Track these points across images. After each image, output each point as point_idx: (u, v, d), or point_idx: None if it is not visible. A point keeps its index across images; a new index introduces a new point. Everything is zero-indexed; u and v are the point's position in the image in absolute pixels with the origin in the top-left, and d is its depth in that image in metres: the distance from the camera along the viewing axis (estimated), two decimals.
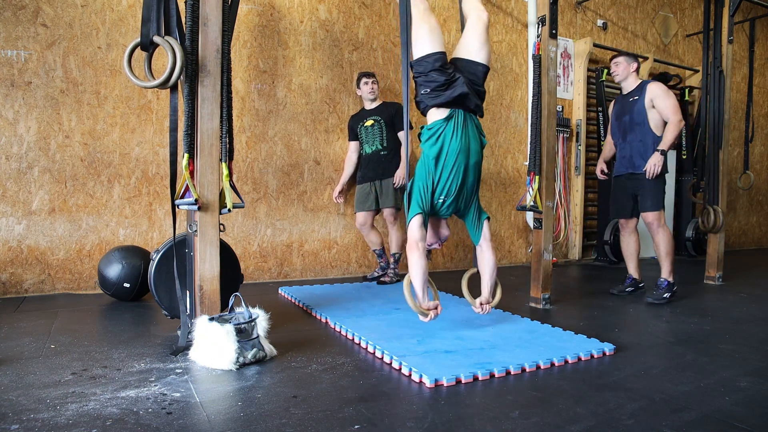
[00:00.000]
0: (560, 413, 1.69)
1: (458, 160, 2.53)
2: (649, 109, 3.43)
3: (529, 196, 3.24)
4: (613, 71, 3.64)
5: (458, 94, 2.53)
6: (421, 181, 2.55)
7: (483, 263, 2.70)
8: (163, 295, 2.58)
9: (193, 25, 2.21)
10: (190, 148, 2.24)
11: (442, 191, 2.55)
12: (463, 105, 2.58)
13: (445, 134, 2.53)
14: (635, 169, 3.49)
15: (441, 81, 2.52)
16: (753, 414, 1.71)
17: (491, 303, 2.72)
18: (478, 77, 2.65)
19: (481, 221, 2.69)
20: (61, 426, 1.52)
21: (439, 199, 2.56)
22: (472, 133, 2.58)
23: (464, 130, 2.55)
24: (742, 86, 6.76)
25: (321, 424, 1.57)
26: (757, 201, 7.51)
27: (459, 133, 2.53)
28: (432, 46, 2.55)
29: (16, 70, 3.26)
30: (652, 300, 3.27)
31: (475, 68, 2.65)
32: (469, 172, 2.58)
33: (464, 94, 2.54)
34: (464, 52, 2.68)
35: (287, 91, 4.07)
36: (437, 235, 2.77)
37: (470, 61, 2.65)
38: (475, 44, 2.66)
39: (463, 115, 2.57)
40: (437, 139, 2.54)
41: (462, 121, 2.56)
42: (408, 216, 2.54)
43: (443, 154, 2.53)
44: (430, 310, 2.49)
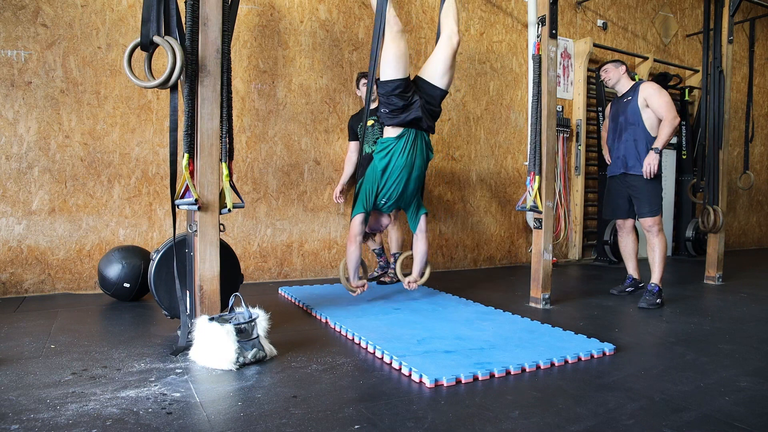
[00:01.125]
0: (560, 413, 1.69)
1: (402, 174, 2.99)
2: (643, 109, 3.43)
3: (529, 196, 3.24)
4: (604, 78, 3.69)
5: (412, 118, 2.93)
6: (368, 184, 3.02)
7: (416, 249, 3.23)
8: (163, 295, 2.58)
9: (193, 25, 2.21)
10: (190, 148, 2.24)
11: (384, 196, 3.05)
12: (416, 125, 2.98)
13: (394, 151, 2.96)
14: (628, 169, 3.49)
15: (399, 105, 2.92)
16: (753, 414, 1.71)
17: (418, 282, 3.29)
18: (435, 99, 3.03)
19: (418, 215, 3.17)
20: (61, 426, 1.52)
21: (381, 201, 3.06)
22: (419, 150, 3.02)
23: (412, 147, 2.98)
24: (742, 86, 6.76)
25: (321, 424, 1.57)
26: (757, 201, 7.51)
27: (407, 150, 2.96)
28: (396, 72, 2.89)
29: (16, 70, 3.26)
30: (645, 305, 3.26)
31: (433, 91, 3.01)
32: (410, 183, 3.05)
33: (418, 118, 2.94)
34: (428, 74, 3.04)
35: (287, 91, 4.07)
36: (379, 223, 3.24)
37: (431, 85, 3.01)
38: (439, 70, 3.02)
39: (414, 134, 2.98)
40: (386, 153, 2.98)
41: (412, 139, 2.97)
42: (352, 213, 3.06)
43: (389, 168, 2.98)
44: (358, 288, 3.13)
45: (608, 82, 3.67)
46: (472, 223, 5.00)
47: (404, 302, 3.25)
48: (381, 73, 2.96)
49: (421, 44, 4.61)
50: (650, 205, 3.42)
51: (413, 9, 4.57)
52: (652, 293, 3.32)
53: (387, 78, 2.91)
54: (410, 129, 2.97)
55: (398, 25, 2.92)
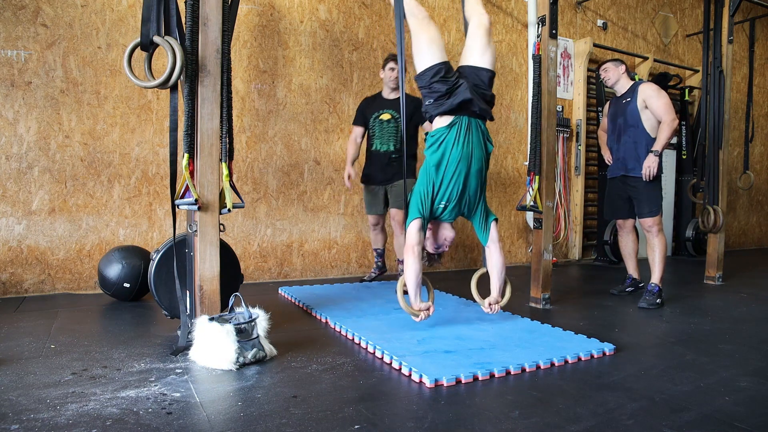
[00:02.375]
0: (560, 413, 1.69)
1: (459, 168, 2.54)
2: (642, 110, 3.42)
3: (529, 196, 3.24)
4: (603, 77, 3.67)
5: (461, 101, 2.53)
6: (422, 186, 2.58)
7: (491, 264, 2.74)
8: (163, 295, 2.58)
9: (193, 25, 2.20)
10: (190, 148, 2.24)
11: (443, 197, 2.57)
12: (468, 111, 2.57)
13: (447, 142, 2.54)
14: (628, 171, 3.49)
15: (443, 90, 2.54)
16: (753, 414, 1.71)
17: (500, 302, 2.75)
18: (483, 81, 2.67)
19: (488, 223, 2.71)
20: (61, 426, 1.52)
21: (439, 204, 2.59)
22: (476, 140, 2.58)
23: (467, 137, 2.55)
24: (742, 86, 6.76)
25: (321, 424, 1.57)
26: (757, 201, 7.50)
27: (461, 140, 2.54)
28: (432, 58, 2.56)
29: (16, 70, 3.26)
30: (645, 305, 3.26)
31: (478, 73, 2.67)
32: (471, 179, 2.59)
33: (467, 99, 2.54)
34: (468, 59, 2.71)
35: (287, 91, 4.07)
36: (442, 238, 2.75)
37: (473, 67, 2.68)
38: (477, 49, 2.68)
39: (467, 122, 2.57)
40: (439, 146, 2.56)
41: (465, 127, 2.56)
42: (408, 219, 2.58)
43: (444, 162, 2.55)
44: (421, 311, 2.58)
45: (607, 82, 3.66)
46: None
47: None
48: (417, 67, 2.63)
49: None
50: (650, 206, 3.42)
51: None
52: (652, 293, 3.32)
53: (424, 67, 2.58)
54: (462, 116, 2.56)
55: (422, 11, 2.65)
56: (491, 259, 2.74)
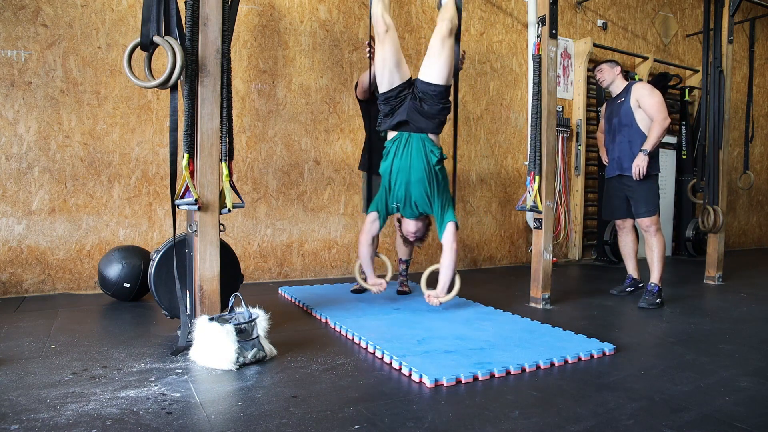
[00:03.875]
0: (560, 413, 1.69)
1: (400, 177, 2.90)
2: (635, 110, 3.43)
3: (529, 196, 3.24)
4: (599, 78, 3.68)
5: (397, 122, 2.88)
6: (381, 188, 2.99)
7: (441, 261, 3.00)
8: (163, 295, 2.58)
9: (193, 25, 2.20)
10: (190, 148, 2.24)
11: (393, 200, 2.97)
12: (407, 128, 2.89)
13: (389, 154, 2.93)
14: (623, 171, 3.49)
15: (386, 111, 2.92)
16: (753, 414, 1.71)
17: (441, 298, 3.01)
18: (430, 96, 2.84)
19: (443, 225, 2.94)
20: (61, 426, 1.52)
21: (392, 204, 2.98)
22: (415, 153, 2.87)
23: (405, 150, 2.87)
24: (742, 86, 6.76)
25: (321, 424, 1.57)
26: (757, 201, 7.50)
27: (401, 153, 2.88)
28: (381, 84, 2.89)
29: (16, 70, 3.26)
30: (645, 305, 3.26)
31: (426, 88, 2.85)
32: (412, 187, 2.89)
33: (402, 121, 2.87)
34: (422, 71, 2.91)
35: (287, 91, 4.07)
36: (405, 230, 3.08)
37: (422, 82, 2.87)
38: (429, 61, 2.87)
39: (407, 137, 2.89)
40: (386, 157, 2.96)
41: (405, 142, 2.88)
42: (367, 210, 3.03)
43: (388, 171, 2.93)
44: (374, 285, 3.07)
45: (603, 83, 3.67)
46: (472, 223, 5.00)
47: (404, 302, 3.25)
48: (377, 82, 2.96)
49: (421, 44, 4.61)
50: (647, 205, 3.42)
51: (413, 9, 4.57)
52: (652, 293, 3.32)
53: (380, 91, 2.94)
54: (403, 132, 2.90)
55: (381, 26, 2.78)
56: (441, 258, 2.99)
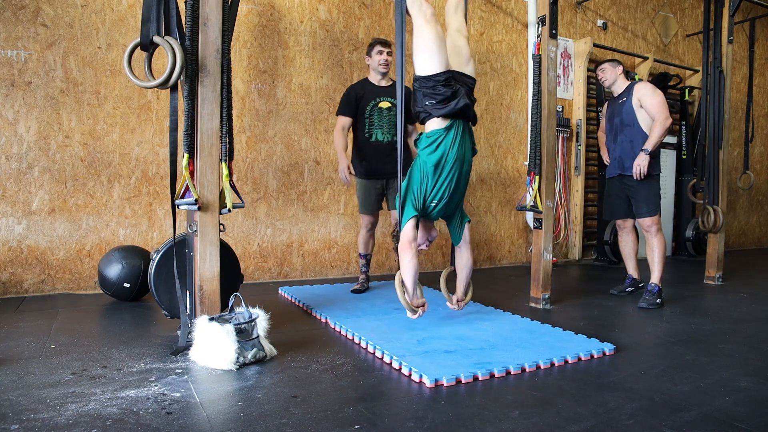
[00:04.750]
0: (560, 413, 1.69)
1: (454, 168, 2.64)
2: (637, 109, 3.43)
3: (529, 196, 3.24)
4: (601, 78, 3.67)
5: (462, 106, 2.62)
6: (416, 184, 2.66)
7: (461, 263, 2.86)
8: (163, 295, 2.58)
9: (193, 25, 2.21)
10: (190, 148, 2.24)
11: (435, 196, 2.66)
12: (464, 116, 2.68)
13: (445, 143, 2.62)
14: (625, 170, 3.49)
15: (447, 95, 2.61)
16: (753, 414, 1.71)
17: (464, 300, 2.93)
18: (470, 89, 2.79)
19: (462, 224, 2.84)
20: (61, 426, 1.52)
21: (431, 203, 2.68)
22: (468, 143, 2.71)
23: (462, 139, 2.66)
24: (742, 86, 6.76)
25: (321, 424, 1.57)
26: (757, 201, 7.50)
27: (458, 141, 2.64)
28: (440, 64, 2.62)
29: (16, 70, 3.26)
30: (646, 305, 3.26)
31: (467, 81, 2.77)
32: (462, 179, 2.71)
33: (467, 105, 2.64)
34: (457, 65, 2.79)
35: (287, 91, 4.07)
36: (426, 237, 2.87)
37: (462, 74, 2.77)
38: (463, 58, 2.81)
39: (462, 125, 2.67)
40: (437, 147, 2.63)
41: (461, 130, 2.66)
42: (404, 218, 2.65)
43: (442, 162, 2.63)
44: (419, 307, 2.65)
45: (604, 83, 3.66)
46: (472, 223, 4.99)
47: None
48: (418, 67, 2.65)
49: None
50: (648, 205, 3.42)
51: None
52: (652, 293, 3.32)
53: (430, 72, 2.61)
54: (458, 119, 2.66)
55: (430, 9, 2.66)
56: (461, 259, 2.86)
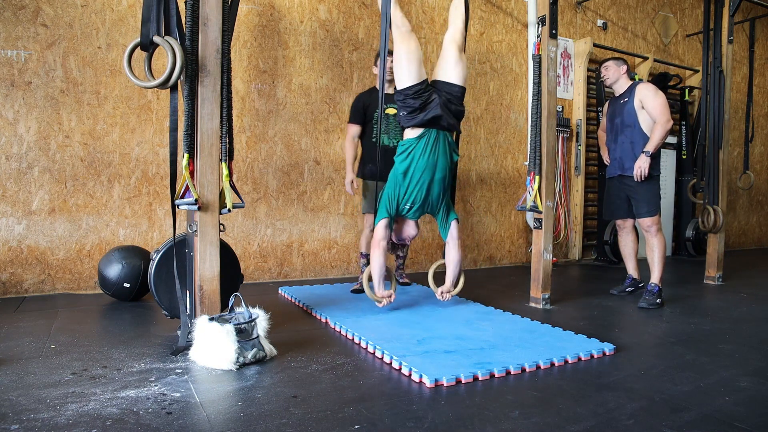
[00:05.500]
0: (560, 413, 1.69)
1: (424, 176, 2.85)
2: (639, 111, 3.42)
3: (529, 196, 3.24)
4: (603, 75, 3.67)
5: (431, 117, 2.82)
6: (390, 189, 2.91)
7: (449, 258, 3.06)
8: (163, 295, 2.58)
9: (193, 25, 2.21)
10: (190, 148, 2.24)
11: (408, 200, 2.91)
12: (437, 125, 2.86)
13: (414, 152, 2.84)
14: (625, 171, 3.49)
15: (416, 106, 2.82)
16: (753, 414, 1.71)
17: (452, 291, 3.13)
18: (455, 96, 2.92)
19: (448, 222, 3.02)
20: (61, 426, 1.52)
21: (404, 206, 2.92)
22: (442, 151, 2.87)
23: (434, 147, 2.85)
24: (742, 86, 6.76)
25: (321, 424, 1.57)
26: (757, 201, 7.50)
27: (428, 150, 2.84)
28: (410, 77, 2.81)
29: (16, 70, 3.26)
30: (646, 305, 3.26)
31: (450, 88, 2.92)
32: (434, 185, 2.89)
33: (438, 116, 2.82)
34: (441, 73, 2.97)
35: (287, 91, 4.07)
36: (405, 233, 3.07)
37: (446, 83, 2.93)
38: (450, 64, 2.94)
39: (435, 134, 2.86)
40: (407, 155, 2.86)
41: (433, 139, 2.85)
42: (376, 219, 2.93)
43: (410, 170, 2.86)
44: (384, 298, 2.95)
45: (606, 81, 3.66)
46: (472, 223, 5.00)
47: (404, 302, 3.25)
48: (396, 81, 2.86)
49: (421, 44, 4.61)
50: (648, 206, 3.42)
51: (413, 9, 4.57)
52: (652, 293, 3.32)
53: (403, 86, 2.82)
54: (431, 129, 2.84)
55: (406, 25, 2.86)
56: (449, 254, 3.05)
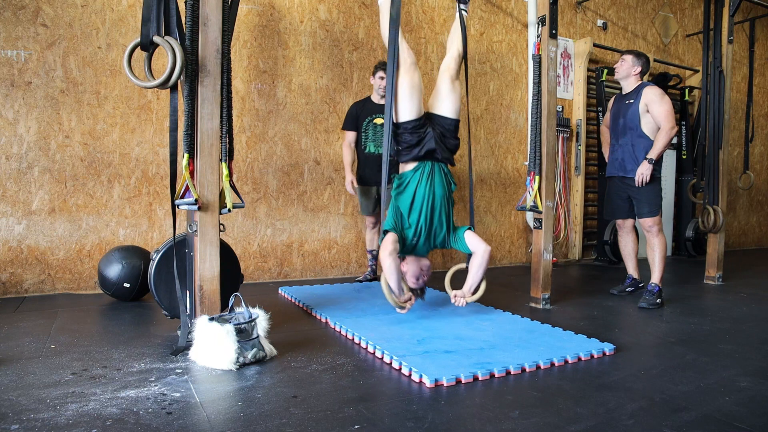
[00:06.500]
0: (560, 413, 1.69)
1: (425, 206, 2.83)
2: (643, 114, 3.41)
3: (529, 196, 3.24)
4: (618, 66, 3.56)
5: (426, 151, 2.84)
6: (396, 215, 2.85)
7: (475, 263, 2.91)
8: (163, 295, 2.58)
9: (193, 25, 2.21)
10: (190, 148, 2.24)
11: (414, 233, 2.84)
12: (431, 157, 2.87)
13: (411, 183, 2.85)
14: (626, 173, 3.49)
15: (413, 142, 2.85)
16: (753, 414, 1.71)
17: (467, 297, 2.93)
18: (448, 130, 2.94)
19: (460, 236, 2.92)
20: (61, 426, 1.52)
21: (412, 240, 2.86)
22: (438, 181, 2.87)
23: (430, 178, 2.85)
24: (742, 86, 6.76)
25: (321, 424, 1.57)
26: (757, 201, 7.50)
27: (425, 181, 2.84)
28: (410, 112, 2.84)
29: (16, 70, 3.26)
30: (646, 305, 3.26)
31: (444, 122, 2.94)
32: (435, 214, 2.86)
33: (431, 150, 2.84)
34: (434, 106, 2.98)
35: (287, 91, 4.07)
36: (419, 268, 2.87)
37: (439, 116, 2.95)
38: (442, 96, 2.96)
39: (431, 166, 2.86)
40: (405, 187, 2.86)
41: (428, 170, 2.85)
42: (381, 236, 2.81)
43: (410, 201, 2.84)
44: (406, 302, 2.86)
45: (617, 73, 3.57)
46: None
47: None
48: (398, 109, 2.86)
49: (421, 44, 4.61)
50: (650, 206, 3.42)
51: (413, 9, 4.57)
52: (652, 293, 3.32)
53: (402, 119, 2.85)
54: (426, 161, 2.86)
55: (411, 57, 2.87)
56: (475, 259, 2.89)
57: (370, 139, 3.82)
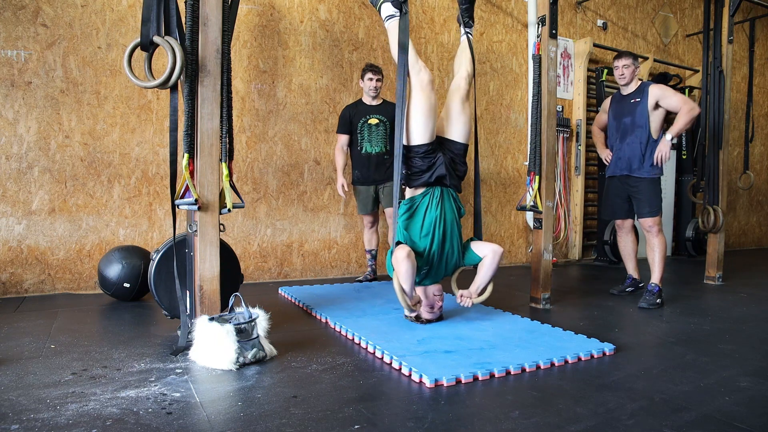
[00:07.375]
0: (560, 413, 1.69)
1: (437, 230, 2.71)
2: (651, 112, 3.41)
3: (529, 196, 3.24)
4: (621, 74, 3.50)
5: (436, 177, 2.75)
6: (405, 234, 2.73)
7: (484, 265, 2.82)
8: (163, 295, 2.58)
9: (193, 25, 2.21)
10: (190, 148, 2.24)
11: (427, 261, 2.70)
12: (440, 183, 2.78)
13: (420, 206, 2.74)
14: (632, 171, 3.48)
15: (423, 168, 2.75)
16: (753, 414, 1.71)
17: (473, 298, 2.84)
18: (457, 155, 2.85)
19: (469, 248, 2.84)
20: (61, 426, 1.52)
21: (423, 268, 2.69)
22: (448, 206, 2.77)
23: (440, 202, 2.74)
24: (742, 86, 6.76)
25: (321, 424, 1.57)
26: (757, 201, 7.50)
27: (434, 204, 2.73)
28: (425, 135, 2.74)
29: (16, 70, 3.26)
30: (646, 305, 3.26)
31: (453, 146, 2.85)
32: (447, 239, 2.74)
33: (442, 175, 2.75)
34: (445, 130, 2.87)
35: (287, 91, 4.07)
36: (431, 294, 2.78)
37: (449, 140, 2.86)
38: (452, 119, 2.86)
39: (440, 191, 2.76)
40: (415, 212, 2.74)
41: (438, 195, 2.75)
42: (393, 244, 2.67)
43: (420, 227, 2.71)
44: (416, 304, 2.75)
45: (624, 81, 3.51)
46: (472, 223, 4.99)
47: None
48: (409, 134, 2.75)
49: (421, 44, 4.61)
50: (650, 206, 3.42)
51: (413, 9, 4.57)
52: (652, 293, 3.32)
53: (415, 142, 2.74)
54: (435, 187, 2.76)
55: (428, 75, 2.75)
56: (485, 262, 2.81)
57: (365, 139, 3.82)
